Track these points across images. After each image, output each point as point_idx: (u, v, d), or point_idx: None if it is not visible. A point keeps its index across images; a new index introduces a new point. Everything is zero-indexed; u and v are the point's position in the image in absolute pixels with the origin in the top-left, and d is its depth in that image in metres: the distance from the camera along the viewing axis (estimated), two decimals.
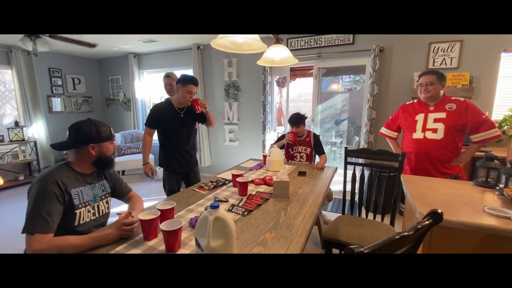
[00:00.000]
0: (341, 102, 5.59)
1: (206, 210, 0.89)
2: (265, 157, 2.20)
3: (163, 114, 1.98)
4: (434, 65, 2.74)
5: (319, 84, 3.50)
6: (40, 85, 4.34)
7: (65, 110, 4.87)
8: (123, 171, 4.33)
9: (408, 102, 2.00)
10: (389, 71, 2.96)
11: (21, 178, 4.08)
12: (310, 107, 3.59)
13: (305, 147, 2.38)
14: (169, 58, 4.46)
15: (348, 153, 1.91)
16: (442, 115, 1.76)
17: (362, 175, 1.84)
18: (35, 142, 4.18)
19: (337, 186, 3.30)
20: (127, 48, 4.38)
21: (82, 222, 1.11)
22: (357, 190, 1.92)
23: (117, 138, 4.48)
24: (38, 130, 4.34)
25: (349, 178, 1.92)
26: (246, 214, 1.24)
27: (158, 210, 1.07)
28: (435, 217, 0.72)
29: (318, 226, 2.24)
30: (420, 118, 1.84)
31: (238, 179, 1.51)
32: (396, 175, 1.70)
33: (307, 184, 1.73)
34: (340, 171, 2.09)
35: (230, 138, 4.16)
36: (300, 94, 6.37)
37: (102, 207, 1.22)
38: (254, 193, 1.52)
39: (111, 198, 1.32)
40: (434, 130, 1.77)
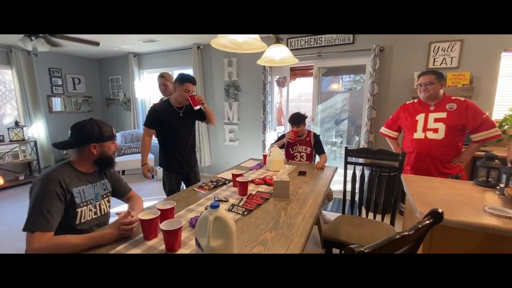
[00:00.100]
0: (341, 101, 5.58)
1: (206, 209, 0.89)
2: (265, 156, 2.20)
3: (162, 114, 1.97)
4: (434, 64, 2.73)
5: (319, 83, 3.50)
6: (40, 85, 4.35)
7: (65, 110, 4.87)
8: (123, 171, 4.33)
9: (408, 102, 1.99)
10: (389, 71, 2.96)
11: (21, 178, 4.09)
12: (310, 107, 3.58)
13: (305, 147, 2.38)
14: (169, 58, 4.45)
15: (348, 152, 1.91)
16: (443, 115, 1.76)
17: (362, 175, 1.83)
18: (35, 142, 4.18)
19: (337, 185, 3.30)
20: (127, 48, 4.38)
21: (83, 221, 1.12)
22: (357, 190, 1.92)
23: (117, 138, 4.47)
24: (38, 130, 4.35)
25: (349, 178, 1.92)
26: (246, 213, 1.24)
27: (158, 209, 1.07)
28: (436, 216, 0.72)
29: (318, 225, 2.24)
30: (420, 118, 1.84)
31: (238, 179, 1.51)
32: (396, 175, 1.70)
33: (307, 183, 1.73)
34: (340, 171, 2.09)
35: (230, 138, 4.16)
36: (300, 94, 6.36)
37: (103, 206, 1.23)
38: (254, 192, 1.52)
39: (111, 197, 1.32)
40: (435, 130, 1.77)
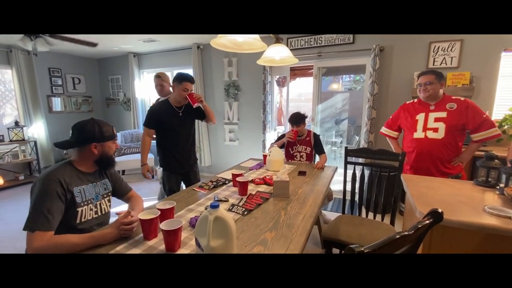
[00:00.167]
0: (341, 101, 5.59)
1: (206, 209, 0.89)
2: (265, 156, 2.20)
3: (162, 113, 1.96)
4: (434, 64, 2.73)
5: (319, 83, 3.50)
6: (40, 85, 4.35)
7: (65, 110, 4.87)
8: (123, 171, 4.33)
9: (408, 102, 1.99)
10: (389, 71, 2.96)
11: (21, 178, 4.09)
12: (310, 107, 3.58)
13: (305, 147, 2.38)
14: (169, 58, 4.45)
15: (348, 152, 1.91)
16: (443, 115, 1.76)
17: (362, 175, 1.83)
18: (35, 142, 4.18)
19: (337, 185, 3.30)
20: (127, 47, 4.38)
21: (83, 220, 1.12)
22: (357, 190, 1.92)
23: (118, 137, 4.48)
24: (38, 130, 4.34)
25: (349, 178, 1.92)
26: (246, 213, 1.24)
27: (158, 209, 1.07)
28: (436, 216, 0.72)
29: (318, 225, 2.24)
30: (420, 117, 1.84)
31: (238, 179, 1.51)
32: (396, 175, 1.70)
33: (307, 183, 1.73)
34: (340, 171, 2.09)
35: (230, 138, 4.16)
36: (300, 94, 6.36)
37: (104, 206, 1.23)
38: (254, 192, 1.52)
39: (112, 197, 1.32)
40: (435, 130, 1.77)
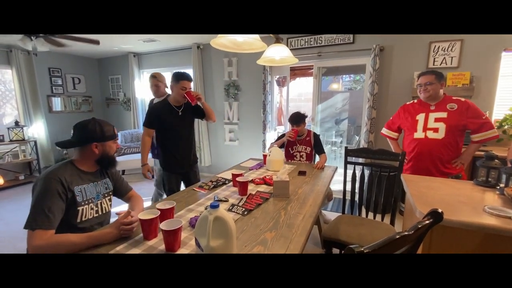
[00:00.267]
0: (341, 101, 5.59)
1: (206, 209, 0.89)
2: (265, 156, 2.20)
3: (162, 113, 1.96)
4: (434, 64, 2.73)
5: (319, 83, 3.49)
6: (40, 85, 4.35)
7: (65, 109, 4.87)
8: (123, 171, 4.32)
9: (408, 102, 1.99)
10: (389, 71, 2.96)
11: (21, 177, 4.09)
12: (310, 107, 3.58)
13: (305, 147, 2.38)
14: (169, 58, 4.45)
15: (348, 152, 1.91)
16: (443, 115, 1.76)
17: (362, 175, 1.83)
18: (35, 142, 4.18)
19: (337, 185, 3.30)
20: (127, 47, 4.38)
21: (84, 219, 1.13)
22: (357, 190, 1.92)
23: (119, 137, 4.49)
24: (38, 130, 4.35)
25: (349, 178, 1.92)
26: (246, 213, 1.24)
27: (158, 209, 1.07)
28: (436, 216, 0.72)
29: (318, 225, 2.24)
30: (421, 117, 1.84)
31: (238, 179, 1.51)
32: (396, 175, 1.70)
33: (307, 183, 1.73)
34: (340, 171, 2.09)
35: (230, 138, 4.16)
36: (300, 94, 6.36)
37: (104, 205, 1.24)
38: (254, 192, 1.52)
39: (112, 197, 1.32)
40: (435, 130, 1.77)
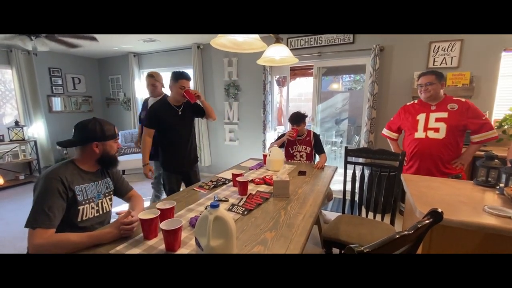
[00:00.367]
0: (341, 101, 5.59)
1: (206, 209, 0.89)
2: (265, 156, 2.20)
3: (162, 113, 1.96)
4: (434, 64, 2.73)
5: (319, 83, 3.49)
6: (40, 84, 4.34)
7: (65, 109, 4.87)
8: (123, 171, 4.32)
9: (408, 103, 1.99)
10: (389, 71, 2.96)
11: (21, 177, 4.09)
12: (310, 107, 3.58)
13: (305, 146, 2.38)
14: (169, 58, 4.45)
15: (348, 152, 1.91)
16: (444, 115, 1.76)
17: (362, 175, 1.83)
18: (35, 142, 4.18)
19: (337, 185, 3.30)
20: (127, 47, 4.38)
21: (85, 218, 1.13)
22: (357, 190, 1.92)
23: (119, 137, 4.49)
24: (38, 130, 4.34)
25: (349, 178, 1.92)
26: (246, 213, 1.24)
27: (158, 209, 1.07)
28: (435, 216, 0.72)
29: (318, 225, 2.24)
30: (421, 117, 1.84)
31: (238, 179, 1.51)
32: (396, 175, 1.70)
33: (307, 183, 1.73)
34: (340, 171, 2.09)
35: (230, 138, 4.16)
36: (300, 94, 6.36)
37: (105, 204, 1.24)
38: (254, 192, 1.52)
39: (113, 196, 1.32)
40: (436, 130, 1.77)
